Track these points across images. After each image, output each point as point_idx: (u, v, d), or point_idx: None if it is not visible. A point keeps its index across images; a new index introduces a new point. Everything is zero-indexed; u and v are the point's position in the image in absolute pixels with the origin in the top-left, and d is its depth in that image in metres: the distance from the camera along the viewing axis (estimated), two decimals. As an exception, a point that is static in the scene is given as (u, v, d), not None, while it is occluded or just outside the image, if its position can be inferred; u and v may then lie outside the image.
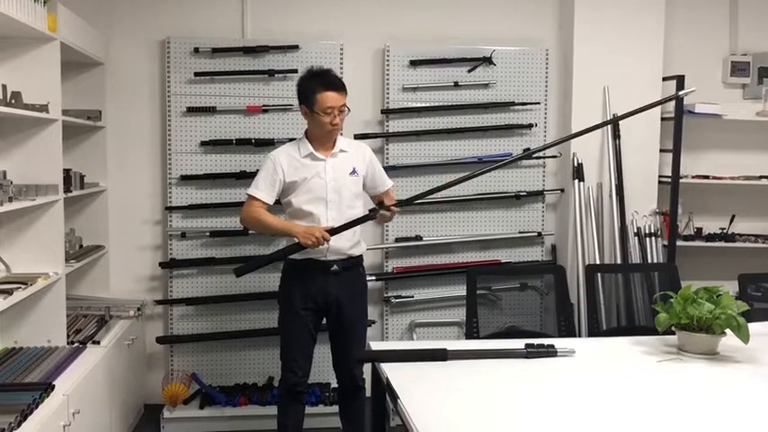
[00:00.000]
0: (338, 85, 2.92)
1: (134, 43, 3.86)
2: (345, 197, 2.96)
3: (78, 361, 2.86)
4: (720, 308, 2.38)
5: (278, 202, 3.02)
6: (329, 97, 2.88)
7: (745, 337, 2.35)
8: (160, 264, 3.86)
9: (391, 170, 3.90)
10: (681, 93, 3.35)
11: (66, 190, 3.10)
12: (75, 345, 3.06)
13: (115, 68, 3.84)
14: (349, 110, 2.98)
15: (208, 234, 3.84)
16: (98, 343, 3.14)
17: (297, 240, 2.85)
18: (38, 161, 2.91)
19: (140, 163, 3.93)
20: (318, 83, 2.90)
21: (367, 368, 2.68)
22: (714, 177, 4.30)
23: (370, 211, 2.92)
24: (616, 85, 4.04)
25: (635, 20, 4.06)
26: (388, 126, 3.99)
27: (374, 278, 3.92)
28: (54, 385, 2.52)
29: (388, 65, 3.96)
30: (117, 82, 3.85)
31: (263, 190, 2.94)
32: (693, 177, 4.26)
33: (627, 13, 4.05)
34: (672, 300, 2.48)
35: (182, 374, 3.83)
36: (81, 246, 3.68)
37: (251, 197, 2.96)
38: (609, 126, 4.05)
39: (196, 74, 3.78)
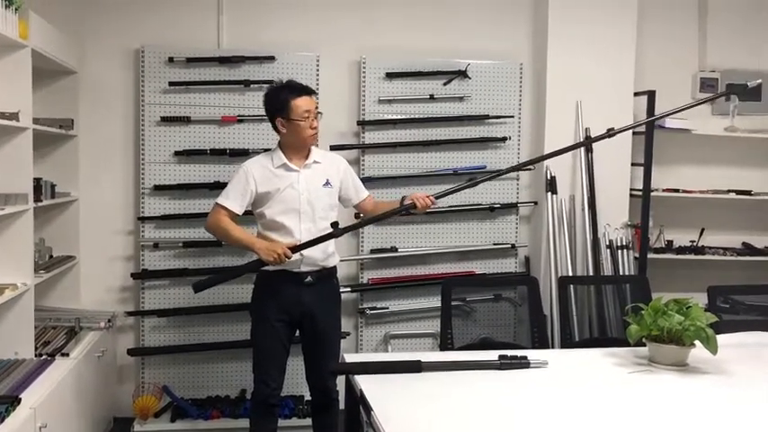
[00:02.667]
0: (308, 90, 2.97)
1: (108, 52, 3.83)
2: (319, 209, 2.95)
3: (46, 374, 2.81)
4: (690, 319, 2.42)
5: (248, 213, 3.01)
6: (304, 101, 2.91)
7: (713, 348, 2.39)
8: (132, 274, 3.81)
9: (367, 181, 3.92)
10: (750, 83, 2.92)
11: (37, 199, 3.05)
12: (44, 357, 3.00)
13: (88, 77, 3.80)
14: (321, 114, 3.01)
15: (181, 245, 3.81)
16: (67, 355, 3.08)
17: (258, 256, 2.84)
18: (7, 170, 2.87)
19: (113, 172, 3.89)
20: (288, 92, 2.93)
21: (341, 380, 2.67)
22: (684, 191, 4.37)
23: (332, 225, 2.88)
24: (589, 99, 4.10)
25: (607, 36, 4.13)
26: (363, 138, 4.00)
27: (349, 289, 3.92)
28: (20, 398, 2.47)
29: (364, 77, 3.98)
30: (90, 90, 3.81)
31: (233, 199, 2.93)
32: (664, 191, 4.33)
33: (599, 29, 4.12)
34: (643, 312, 2.51)
35: (153, 387, 3.78)
36: (51, 256, 3.62)
37: (219, 206, 2.94)
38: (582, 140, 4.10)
39: (171, 83, 3.76)
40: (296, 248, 2.84)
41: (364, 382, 2.19)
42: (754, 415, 2.06)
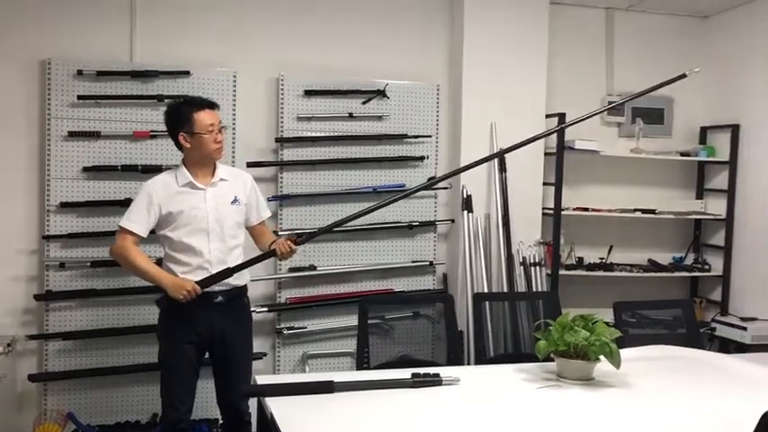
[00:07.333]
0: (210, 104, 2.91)
1: (10, 63, 3.64)
2: (227, 227, 2.89)
3: (-66, 404, 2.63)
4: (595, 335, 2.50)
5: (152, 232, 2.92)
6: (207, 115, 2.86)
7: (616, 362, 2.48)
8: (35, 296, 3.62)
9: (286, 199, 3.90)
10: (687, 72, 2.81)
11: (-73, 217, 2.87)
12: (-68, 386, 2.81)
13: (-11, 89, 3.62)
14: (226, 127, 2.95)
15: (89, 264, 3.65)
16: (-41, 383, 2.89)
17: (167, 292, 2.78)
18: None
19: (15, 189, 3.69)
20: (190, 106, 2.89)
21: (253, 403, 2.62)
22: (593, 210, 4.54)
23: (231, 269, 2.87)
24: (502, 121, 4.21)
25: (520, 60, 4.27)
26: (282, 155, 3.97)
27: (266, 309, 3.86)
28: None
29: (282, 94, 3.95)
30: (-9, 103, 3.62)
31: (138, 222, 2.83)
32: (574, 209, 4.47)
33: (512, 53, 4.25)
34: (551, 327, 2.58)
35: (56, 414, 3.59)
36: (-56, 277, 3.41)
37: (123, 230, 2.84)
38: (496, 160, 4.20)
39: (79, 97, 3.62)
40: (204, 282, 2.78)
41: (275, 405, 2.15)
42: (653, 425, 2.15)
